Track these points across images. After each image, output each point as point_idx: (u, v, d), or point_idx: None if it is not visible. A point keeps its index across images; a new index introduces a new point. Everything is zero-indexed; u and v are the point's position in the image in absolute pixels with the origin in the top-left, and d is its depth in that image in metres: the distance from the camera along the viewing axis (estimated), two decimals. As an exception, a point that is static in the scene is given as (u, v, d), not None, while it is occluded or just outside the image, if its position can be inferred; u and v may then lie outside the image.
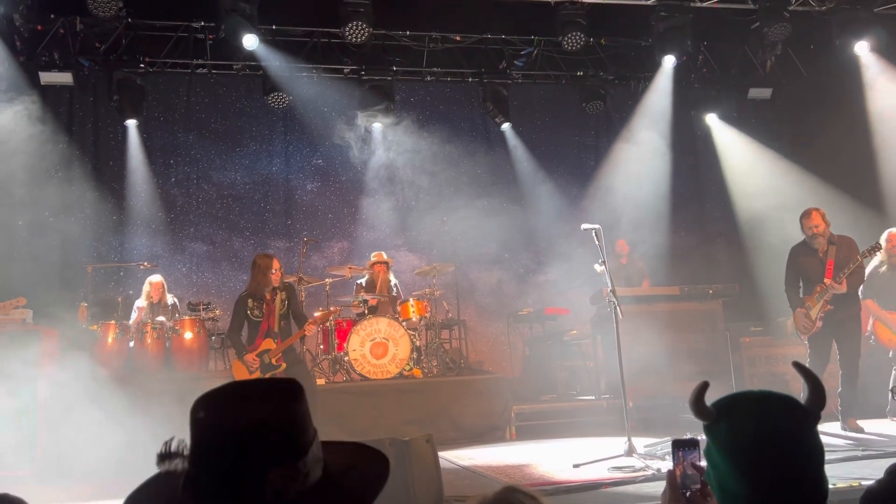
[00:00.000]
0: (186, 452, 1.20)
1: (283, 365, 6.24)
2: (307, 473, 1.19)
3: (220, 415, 1.19)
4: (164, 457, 1.20)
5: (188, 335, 7.46)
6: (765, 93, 10.42)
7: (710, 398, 1.55)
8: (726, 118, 10.52)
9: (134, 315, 7.69)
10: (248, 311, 6.31)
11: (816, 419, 1.48)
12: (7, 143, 7.96)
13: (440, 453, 5.96)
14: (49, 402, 5.98)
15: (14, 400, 5.88)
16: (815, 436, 1.46)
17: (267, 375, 6.15)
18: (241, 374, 6.32)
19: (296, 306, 6.57)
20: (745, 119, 10.50)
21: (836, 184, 8.95)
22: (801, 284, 6.37)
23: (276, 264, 6.35)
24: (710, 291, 7.80)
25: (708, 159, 10.70)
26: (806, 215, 6.29)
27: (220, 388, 1.26)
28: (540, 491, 4.20)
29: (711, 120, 10.61)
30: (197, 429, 1.20)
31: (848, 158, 9.12)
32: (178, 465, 1.19)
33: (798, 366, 1.60)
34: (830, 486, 3.64)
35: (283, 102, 9.43)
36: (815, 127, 9.67)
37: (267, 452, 1.16)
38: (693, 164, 10.83)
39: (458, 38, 9.81)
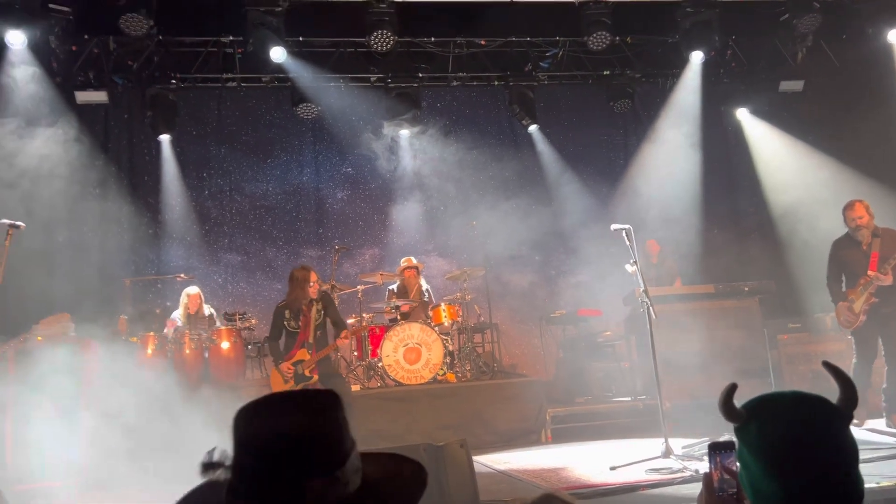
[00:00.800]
0: (228, 462, 1.22)
1: (316, 377, 6.35)
2: (346, 483, 1.20)
3: (259, 426, 1.21)
4: (208, 466, 1.22)
5: (225, 345, 7.58)
6: (796, 85, 10.23)
7: (749, 397, 1.54)
8: (757, 112, 10.37)
9: (166, 327, 7.82)
10: (286, 322, 6.45)
11: (849, 419, 1.46)
12: (47, 163, 8.18)
13: (475, 458, 5.97)
14: (91, 414, 6.12)
15: (58, 413, 6.04)
16: (847, 436, 1.44)
17: (300, 387, 6.25)
18: (277, 382, 6.44)
19: (333, 314, 6.69)
20: (777, 112, 10.32)
21: (873, 175, 8.75)
22: (843, 278, 6.25)
23: (313, 277, 6.48)
24: (746, 289, 7.69)
25: (739, 154, 10.56)
26: (849, 207, 6.18)
27: (260, 399, 1.29)
28: (576, 495, 4.19)
29: (742, 115, 10.47)
30: (237, 439, 1.22)
31: (884, 149, 8.91)
32: (220, 474, 1.21)
33: (828, 365, 1.58)
34: (874, 485, 3.58)
35: (312, 113, 9.54)
36: (850, 117, 9.47)
37: (306, 463, 1.17)
38: (724, 159, 10.70)
39: (482, 43, 9.83)
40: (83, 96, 8.97)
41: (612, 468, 4.94)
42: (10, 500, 3.72)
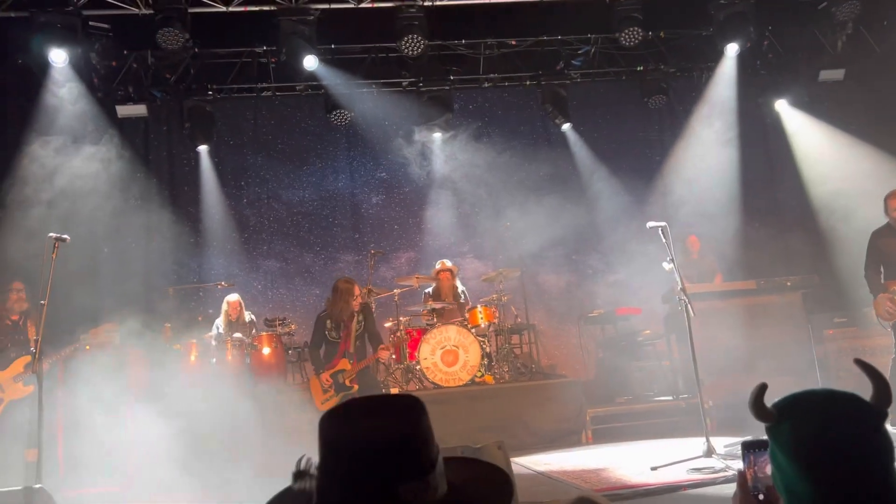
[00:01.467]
0: (313, 471, 1.22)
1: (356, 387, 6.40)
2: (436, 487, 1.20)
3: (350, 430, 1.21)
4: (299, 475, 1.23)
5: (266, 350, 7.70)
6: (837, 74, 9.97)
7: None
8: (797, 104, 10.15)
9: (213, 333, 7.96)
10: (327, 332, 6.53)
11: (884, 417, 1.43)
12: (91, 177, 8.41)
13: (515, 459, 5.96)
14: (140, 419, 6.27)
15: (105, 418, 6.21)
16: (883, 434, 1.41)
17: (339, 397, 6.33)
18: (316, 391, 6.52)
19: (371, 326, 6.75)
20: (817, 103, 10.10)
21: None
22: (881, 269, 6.08)
23: (356, 290, 6.58)
24: (788, 283, 7.53)
25: (779, 147, 10.34)
26: (892, 196, 6.02)
27: (347, 403, 1.29)
28: (616, 496, 4.16)
29: (781, 106, 10.26)
30: (327, 443, 1.22)
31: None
32: (307, 484, 1.22)
33: (860, 363, 1.55)
34: None
35: (345, 119, 9.63)
36: (893, 105, 9.22)
37: (399, 467, 1.17)
38: (763, 153, 10.50)
39: (513, 43, 9.82)
40: (124, 110, 9.20)
41: (653, 468, 4.89)
42: (61, 504, 3.84)
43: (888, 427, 1.44)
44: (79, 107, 8.62)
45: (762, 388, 1.52)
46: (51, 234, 4.97)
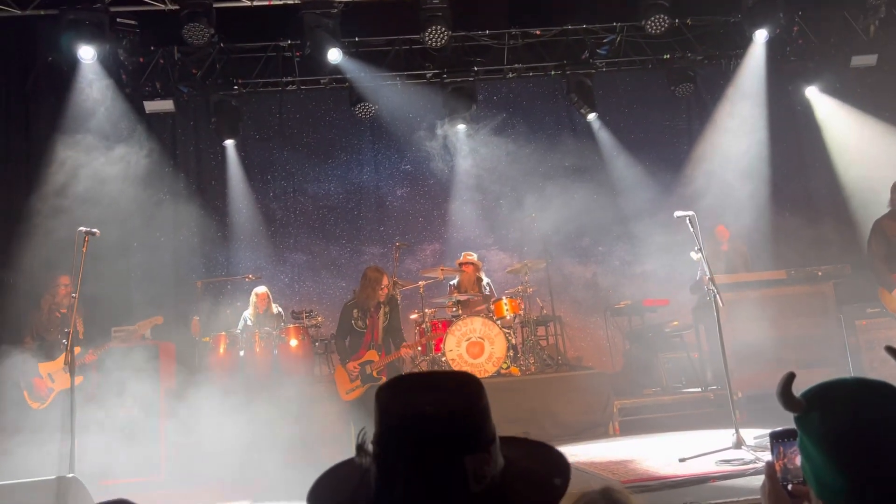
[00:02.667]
0: (369, 446, 1.20)
1: (384, 378, 6.39)
2: (496, 461, 1.20)
3: (412, 402, 1.19)
4: (361, 449, 1.21)
5: (293, 342, 7.75)
6: (869, 59, 9.75)
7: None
8: (828, 90, 9.95)
9: (241, 325, 8.04)
10: (353, 322, 6.54)
11: None
12: (120, 172, 8.55)
13: (542, 450, 5.94)
14: (170, 411, 6.37)
15: (140, 411, 6.32)
16: None
17: (366, 387, 6.34)
18: (343, 380, 6.55)
19: (395, 321, 6.75)
20: (849, 89, 9.88)
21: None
22: (887, 259, 5.93)
23: (385, 280, 6.57)
24: (820, 273, 7.40)
25: (810, 135, 10.15)
26: None
27: (404, 377, 1.27)
28: (644, 487, 4.13)
29: (811, 93, 10.06)
30: (387, 415, 1.19)
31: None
32: (364, 459, 1.20)
33: (891, 350, 1.51)
34: None
35: (370, 112, 9.65)
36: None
37: (463, 439, 1.16)
38: (794, 140, 10.31)
39: (537, 33, 9.75)
40: (151, 106, 9.30)
41: (682, 460, 4.84)
42: (94, 495, 3.90)
43: None
44: (107, 103, 8.75)
45: (790, 378, 1.50)
46: (81, 229, 5.05)
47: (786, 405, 1.47)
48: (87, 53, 8.09)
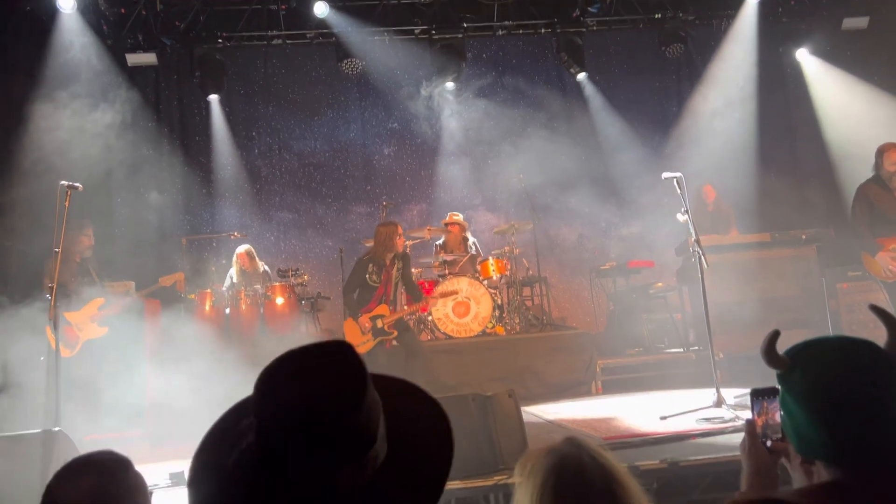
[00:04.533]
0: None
1: (395, 332, 6.42)
2: (376, 457, 1.14)
3: (289, 407, 1.10)
4: (236, 442, 1.16)
5: (280, 300, 7.75)
6: (861, 22, 9.68)
7: None
8: (818, 52, 9.89)
9: (227, 283, 8.03)
10: (367, 276, 6.48)
11: None
12: (103, 127, 8.38)
13: (526, 408, 6.02)
14: (155, 367, 6.38)
15: (124, 368, 6.32)
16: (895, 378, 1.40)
17: (377, 340, 6.33)
18: (353, 333, 6.49)
19: (408, 275, 6.73)
20: (840, 52, 9.82)
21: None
22: (871, 225, 5.96)
23: (399, 230, 6.53)
24: (803, 236, 7.47)
25: (799, 98, 10.12)
26: (891, 148, 5.90)
27: (279, 367, 1.18)
28: (626, 444, 4.20)
29: (802, 55, 10.00)
30: (263, 412, 1.12)
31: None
32: (247, 441, 1.14)
33: (875, 309, 1.53)
34: None
35: (357, 68, 9.50)
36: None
37: (337, 452, 1.09)
38: (783, 103, 10.28)
39: (528, -11, 9.58)
40: (134, 58, 9.10)
41: (663, 418, 4.93)
42: (81, 449, 3.92)
43: None
44: (88, 55, 8.54)
45: (775, 335, 1.51)
46: (63, 183, 4.97)
47: (770, 362, 1.49)
48: (66, 3, 7.88)
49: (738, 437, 4.23)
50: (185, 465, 4.36)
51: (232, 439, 1.15)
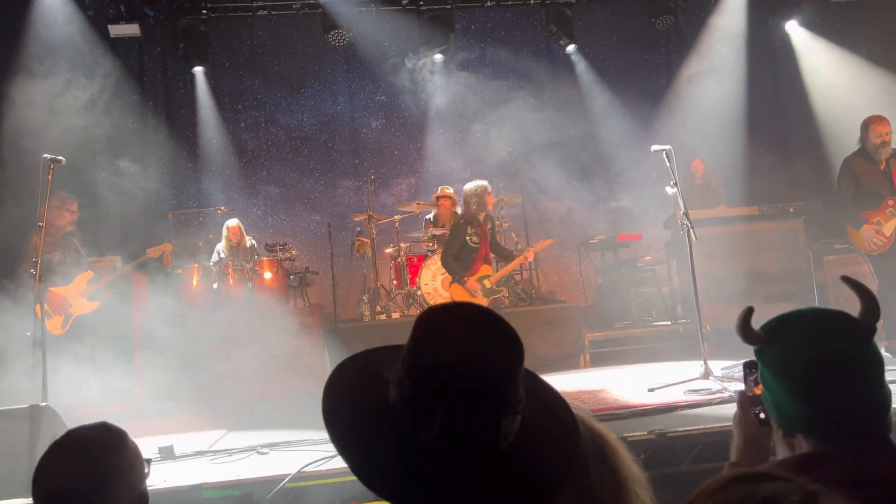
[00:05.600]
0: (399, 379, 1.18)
1: (504, 290, 6.35)
2: (520, 415, 1.20)
3: (461, 352, 1.15)
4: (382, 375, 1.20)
5: (268, 275, 7.72)
6: (851, -7, 9.68)
7: None
8: (808, 25, 9.85)
9: (215, 258, 7.99)
10: (468, 238, 6.35)
11: (872, 332, 1.41)
12: (85, 100, 8.24)
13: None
14: (144, 342, 6.35)
15: (111, 342, 6.29)
16: (870, 349, 1.40)
17: (490, 300, 6.26)
18: (463, 298, 6.41)
19: (496, 235, 6.65)
20: (829, 25, 9.80)
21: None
22: (855, 197, 5.98)
23: (489, 188, 6.46)
24: (791, 209, 7.49)
25: (788, 70, 10.10)
26: (878, 121, 5.87)
27: (448, 315, 1.22)
28: (614, 416, 4.23)
29: (791, 28, 9.97)
30: (427, 357, 1.16)
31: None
32: (391, 387, 1.18)
33: (847, 279, 1.52)
34: None
35: (343, 39, 9.37)
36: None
37: (502, 401, 1.15)
38: (772, 76, 10.25)
39: (517, -41, 9.45)
40: (116, 30, 8.93)
41: (651, 390, 4.97)
42: (69, 424, 3.90)
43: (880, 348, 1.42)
44: (69, 26, 8.37)
45: (749, 312, 1.52)
46: (45, 156, 4.89)
47: (745, 338, 1.49)
48: (45, -28, 7.70)
49: (725, 409, 4.28)
50: (172, 440, 4.38)
51: (377, 382, 1.22)
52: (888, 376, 1.38)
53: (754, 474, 0.86)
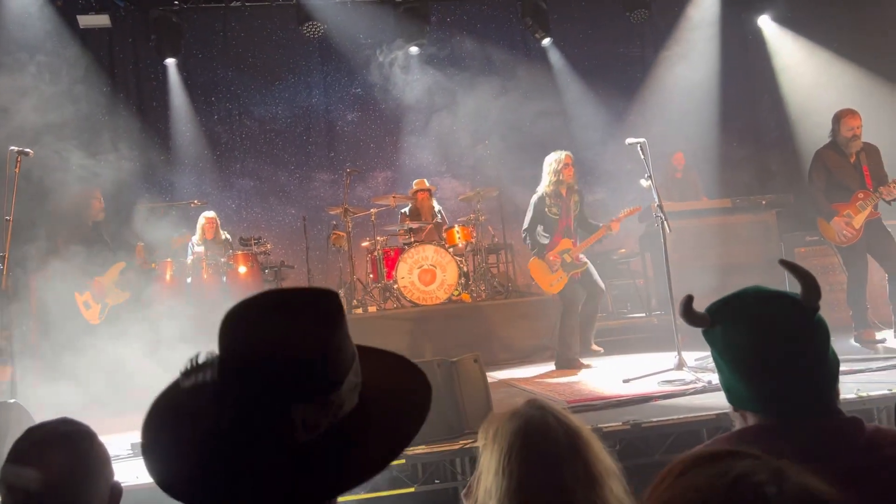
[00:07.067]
0: (215, 364, 1.10)
1: (586, 262, 6.14)
2: (340, 405, 1.10)
3: (245, 339, 1.08)
4: (192, 371, 1.09)
5: (242, 269, 7.66)
6: (821, -11, 9.79)
7: None
8: (780, 19, 9.96)
9: (189, 251, 7.89)
10: (547, 209, 6.20)
11: (814, 311, 1.44)
12: (53, 92, 8.08)
13: (491, 373, 6.06)
14: (115, 337, 6.27)
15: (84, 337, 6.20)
16: (811, 327, 1.42)
17: (569, 275, 6.12)
18: (543, 273, 6.27)
19: (584, 210, 6.39)
20: (801, 20, 9.89)
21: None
22: (826, 190, 6.07)
23: (568, 159, 6.23)
24: (763, 202, 7.59)
25: (760, 64, 10.20)
26: (849, 115, 5.95)
27: (249, 304, 1.14)
28: (589, 407, 4.26)
29: (764, 22, 10.07)
30: (223, 348, 1.10)
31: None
32: (206, 376, 1.09)
33: (785, 263, 1.55)
34: (853, 396, 3.64)
35: (318, 31, 9.29)
36: (875, 23, 9.09)
37: (294, 387, 1.05)
38: (745, 70, 10.36)
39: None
40: (86, 20, 8.77)
41: (625, 381, 5.00)
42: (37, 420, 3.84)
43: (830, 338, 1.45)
44: (37, 16, 8.19)
45: (689, 299, 1.55)
46: (12, 148, 4.80)
47: (690, 322, 1.52)
48: (11, -40, 7.53)
49: (699, 399, 4.32)
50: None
51: (192, 377, 1.10)
52: (859, 366, 1.41)
53: (722, 452, 0.85)
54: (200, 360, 1.10)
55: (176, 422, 1.15)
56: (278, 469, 1.06)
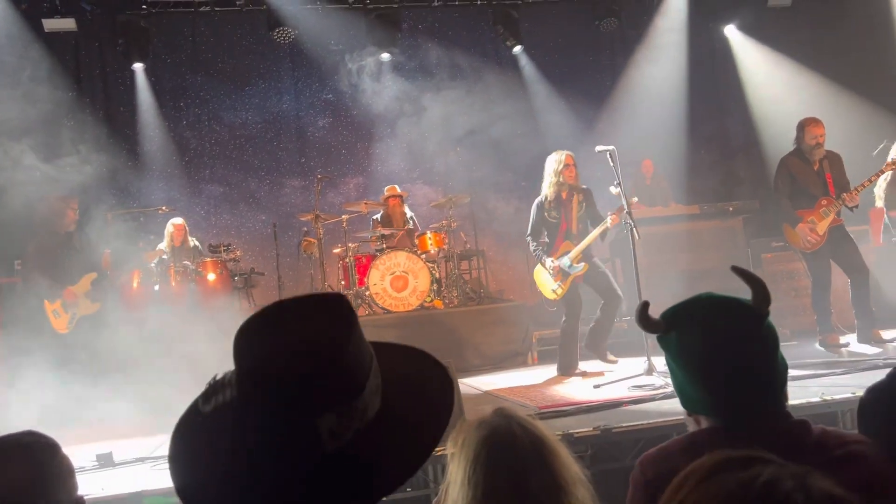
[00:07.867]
0: (229, 394, 1.08)
1: (586, 265, 6.02)
2: (365, 409, 1.07)
3: (265, 352, 1.05)
4: (212, 393, 1.07)
5: (211, 276, 7.57)
6: (785, 0, 10.00)
7: None
8: (745, 29, 10.16)
9: (156, 259, 7.77)
10: (546, 213, 6.08)
11: (764, 317, 1.48)
12: (16, 97, 7.92)
13: (463, 380, 6.07)
14: (81, 346, 6.16)
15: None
16: (761, 333, 1.46)
17: (571, 278, 6.03)
18: (544, 279, 6.20)
19: (593, 210, 6.21)
20: (765, 29, 10.11)
21: (860, 92, 8.67)
22: (791, 197, 6.19)
23: (568, 159, 6.08)
24: (730, 209, 7.70)
25: (727, 73, 10.39)
26: (813, 124, 6.07)
27: (264, 315, 1.11)
28: (561, 412, 4.28)
29: (730, 31, 10.26)
30: (239, 365, 1.07)
31: (871, 65, 8.80)
32: (225, 396, 1.07)
33: (737, 269, 1.60)
34: (818, 399, 3.70)
35: (289, 37, 9.25)
36: (838, 34, 9.31)
37: (319, 398, 1.03)
38: (712, 78, 10.53)
39: (465, -40, 9.48)
40: (51, 24, 8.62)
41: (596, 386, 5.04)
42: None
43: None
44: (0, 19, 8.04)
45: (645, 305, 1.59)
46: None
47: (645, 327, 1.54)
48: (-27, -38, 7.38)
49: (668, 404, 4.35)
50: (111, 446, 4.24)
51: (212, 400, 1.08)
52: (820, 370, 1.44)
53: (748, 457, 0.85)
54: (218, 380, 1.08)
55: (201, 446, 1.13)
56: (312, 482, 1.04)
